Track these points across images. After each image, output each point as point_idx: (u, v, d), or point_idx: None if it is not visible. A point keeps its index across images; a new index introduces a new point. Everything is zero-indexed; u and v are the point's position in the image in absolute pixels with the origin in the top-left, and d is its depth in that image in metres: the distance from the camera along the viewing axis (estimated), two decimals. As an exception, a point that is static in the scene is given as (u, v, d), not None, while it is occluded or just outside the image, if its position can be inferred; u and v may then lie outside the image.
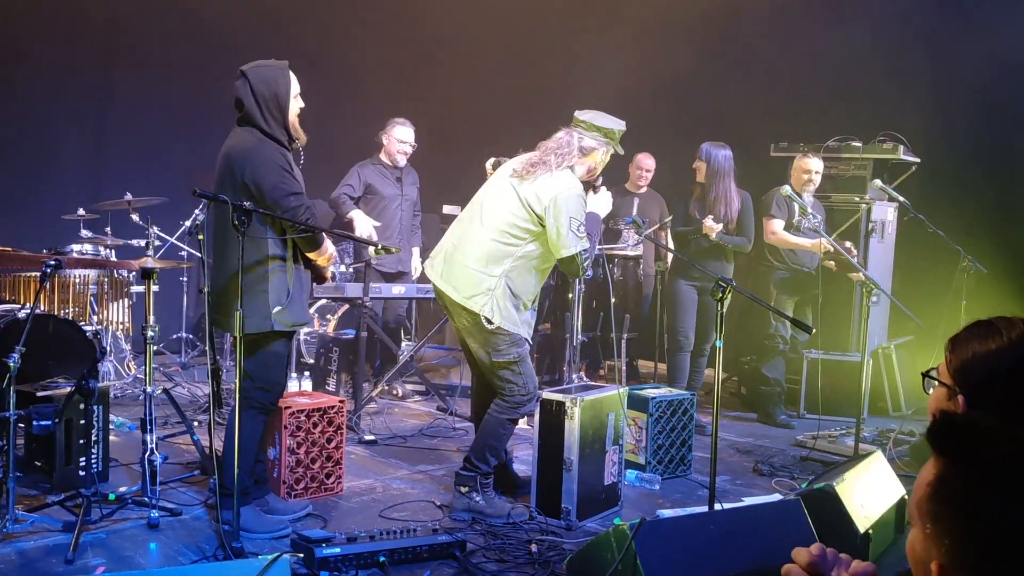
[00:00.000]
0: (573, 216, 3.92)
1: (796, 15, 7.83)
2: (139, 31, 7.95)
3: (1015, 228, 7.40)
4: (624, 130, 4.16)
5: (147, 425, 3.94)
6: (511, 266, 4.02)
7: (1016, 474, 1.11)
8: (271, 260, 3.71)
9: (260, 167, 3.65)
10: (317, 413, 4.38)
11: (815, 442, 5.62)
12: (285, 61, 3.84)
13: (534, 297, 4.20)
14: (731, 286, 3.73)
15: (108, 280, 5.58)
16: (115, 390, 6.09)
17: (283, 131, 3.78)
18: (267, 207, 3.60)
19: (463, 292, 4.05)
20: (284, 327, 3.75)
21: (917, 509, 1.19)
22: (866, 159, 6.83)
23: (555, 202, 3.93)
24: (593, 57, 8.35)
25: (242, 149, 3.70)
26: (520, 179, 4.03)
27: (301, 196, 3.71)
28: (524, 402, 4.14)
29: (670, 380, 6.22)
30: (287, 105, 3.78)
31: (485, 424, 4.20)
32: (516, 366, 4.10)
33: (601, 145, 4.11)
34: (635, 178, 7.37)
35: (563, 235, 3.92)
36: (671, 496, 4.70)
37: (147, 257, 4.32)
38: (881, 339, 7.02)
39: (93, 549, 3.54)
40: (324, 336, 6.79)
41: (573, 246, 3.94)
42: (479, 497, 4.14)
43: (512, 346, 4.06)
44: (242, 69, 3.77)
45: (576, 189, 3.99)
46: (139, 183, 6.75)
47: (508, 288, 4.02)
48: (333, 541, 3.43)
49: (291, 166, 3.75)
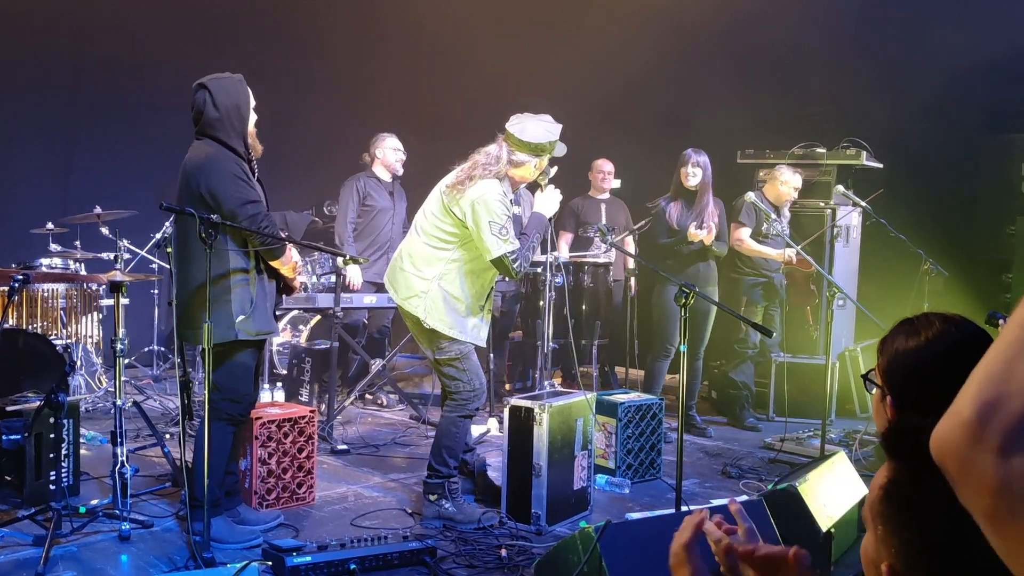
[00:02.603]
0: (492, 220, 3.98)
1: (759, 21, 7.94)
2: (108, 43, 7.94)
3: (975, 231, 7.56)
4: (554, 139, 4.13)
5: (118, 438, 3.94)
6: (444, 269, 4.13)
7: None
8: (233, 272, 3.74)
9: (216, 177, 3.67)
10: (288, 423, 4.40)
11: (783, 444, 5.70)
12: (240, 75, 3.88)
13: (479, 301, 4.24)
14: (694, 291, 3.80)
15: (78, 294, 5.58)
16: (86, 404, 6.07)
17: (241, 142, 3.80)
18: (225, 217, 3.63)
19: (400, 294, 4.22)
20: (248, 336, 3.77)
21: (870, 511, 1.25)
22: (830, 165, 6.95)
23: (473, 207, 4.01)
24: (555, 63, 8.39)
25: (197, 161, 3.73)
26: (450, 190, 4.12)
27: (259, 204, 3.74)
28: (471, 399, 4.21)
29: (647, 387, 6.24)
30: (247, 115, 3.82)
31: (439, 427, 4.28)
32: (459, 363, 4.18)
33: (531, 159, 4.13)
34: (598, 182, 7.39)
35: (485, 239, 4.00)
36: (640, 500, 4.76)
37: (116, 270, 4.32)
38: (847, 342, 7.13)
39: (64, 562, 3.55)
40: (297, 347, 6.80)
41: (496, 248, 4.00)
42: (449, 504, 4.19)
43: (452, 344, 4.16)
44: (201, 82, 3.80)
45: (494, 193, 4.02)
46: (108, 196, 6.75)
47: (444, 291, 4.12)
48: (304, 550, 3.46)
49: (248, 176, 3.77)
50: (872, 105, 7.59)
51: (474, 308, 4.22)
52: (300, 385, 6.56)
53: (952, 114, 7.48)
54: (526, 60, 8.50)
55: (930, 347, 1.66)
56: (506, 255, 4.00)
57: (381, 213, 6.70)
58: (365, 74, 9.45)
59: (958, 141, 7.62)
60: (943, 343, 1.65)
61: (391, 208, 6.75)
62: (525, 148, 4.09)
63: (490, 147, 4.16)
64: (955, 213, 7.38)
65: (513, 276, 4.14)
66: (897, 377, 1.69)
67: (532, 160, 4.13)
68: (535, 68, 8.48)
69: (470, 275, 4.18)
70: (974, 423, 0.91)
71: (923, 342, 1.67)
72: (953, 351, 1.65)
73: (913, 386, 1.66)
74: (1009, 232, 7.33)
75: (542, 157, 4.15)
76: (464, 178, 4.09)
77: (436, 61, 9.48)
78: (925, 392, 1.64)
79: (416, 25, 9.13)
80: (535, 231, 4.17)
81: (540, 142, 4.09)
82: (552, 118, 4.22)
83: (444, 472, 4.20)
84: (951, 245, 6.56)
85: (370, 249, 6.61)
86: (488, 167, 4.07)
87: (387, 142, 6.75)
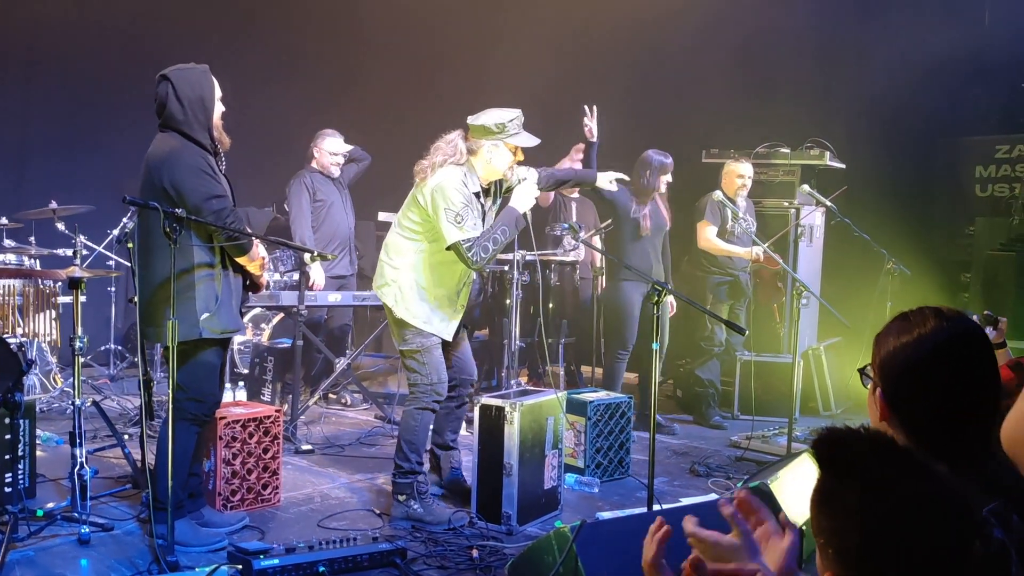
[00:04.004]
0: (447, 207, 4.03)
1: (723, 23, 7.97)
2: (61, 34, 7.73)
3: (936, 231, 7.68)
4: (508, 120, 4.12)
5: (76, 438, 3.83)
6: (414, 260, 4.19)
7: (874, 471, 1.24)
8: (198, 267, 3.65)
9: (179, 171, 3.58)
10: (253, 423, 4.32)
11: (749, 442, 5.72)
12: (205, 65, 3.78)
13: (451, 294, 4.26)
14: (667, 289, 3.78)
15: (33, 291, 5.42)
16: (41, 404, 5.91)
17: (207, 135, 3.71)
18: (189, 212, 3.54)
19: (376, 282, 4.31)
20: (213, 334, 3.69)
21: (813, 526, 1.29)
22: (794, 165, 7.01)
23: (432, 195, 4.08)
24: (515, 62, 8.35)
25: (160, 154, 3.64)
26: (417, 179, 4.20)
27: (224, 199, 3.65)
28: (428, 392, 4.21)
29: (607, 386, 6.22)
30: (212, 107, 3.72)
31: (400, 422, 4.29)
32: (420, 355, 4.20)
33: (486, 142, 4.15)
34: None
35: (442, 226, 4.05)
36: (610, 499, 4.74)
37: (75, 266, 4.19)
38: (811, 340, 7.19)
39: (21, 568, 3.43)
40: (258, 345, 6.69)
41: (452, 236, 4.03)
42: (417, 504, 4.15)
43: (416, 336, 4.19)
44: (163, 73, 3.70)
45: (452, 181, 4.07)
46: (64, 191, 6.58)
47: (414, 281, 4.18)
48: (271, 552, 3.39)
49: (214, 170, 3.68)
50: (834, 107, 7.67)
51: (444, 301, 4.23)
52: (262, 384, 6.45)
53: (909, 117, 7.59)
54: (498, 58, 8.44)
55: (923, 343, 1.65)
56: (460, 243, 4.02)
57: (334, 207, 6.54)
58: (332, 67, 9.35)
59: (916, 144, 7.73)
60: (936, 338, 1.65)
61: (341, 200, 6.61)
62: (478, 132, 4.15)
63: (450, 134, 4.23)
64: (915, 214, 7.48)
65: (468, 265, 4.12)
66: (891, 372, 1.69)
67: (486, 143, 4.15)
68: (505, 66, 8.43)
69: (440, 266, 4.19)
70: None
71: (916, 337, 1.66)
72: (946, 347, 1.65)
73: (906, 381, 1.66)
74: (967, 233, 7.47)
75: (498, 141, 4.14)
76: (427, 167, 4.15)
77: (410, 58, 9.39)
78: (918, 387, 1.64)
79: (389, 21, 9.02)
80: (503, 224, 4.14)
81: (487, 124, 4.12)
82: (521, 111, 4.21)
83: (406, 467, 4.17)
84: (911, 245, 6.63)
85: (332, 244, 6.48)
86: (447, 155, 4.14)
87: (325, 143, 6.51)
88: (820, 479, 1.31)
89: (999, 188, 7.57)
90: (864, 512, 1.22)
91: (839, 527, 1.26)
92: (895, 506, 1.21)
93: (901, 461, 1.26)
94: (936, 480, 1.24)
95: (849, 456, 1.28)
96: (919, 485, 1.22)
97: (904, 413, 1.67)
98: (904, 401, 1.66)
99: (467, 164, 4.16)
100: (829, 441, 1.31)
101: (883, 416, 1.69)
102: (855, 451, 1.28)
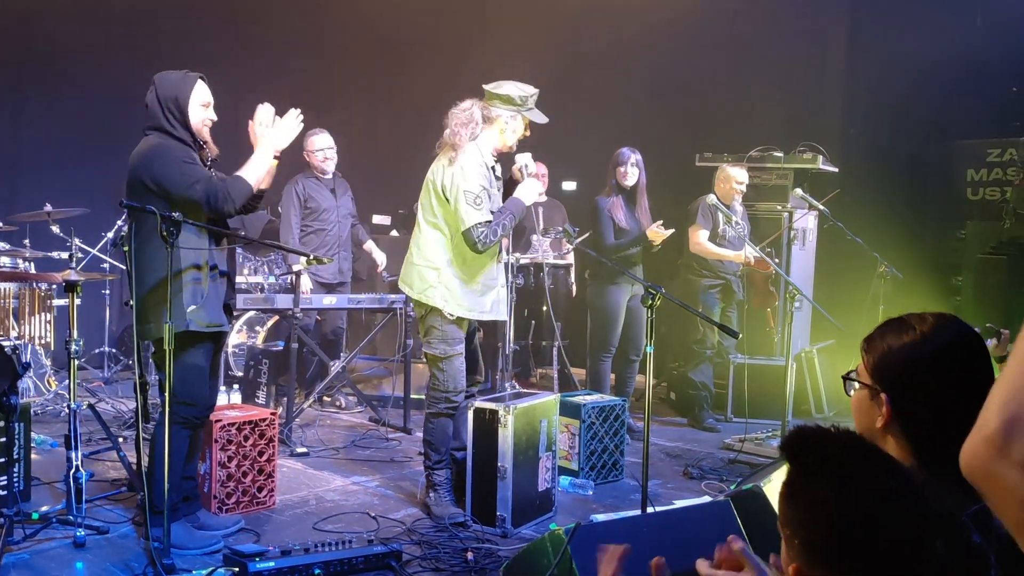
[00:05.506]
0: (467, 189, 4.09)
1: (718, 26, 8.01)
2: (55, 35, 7.72)
3: (928, 234, 7.72)
4: (530, 94, 4.25)
5: (72, 442, 3.84)
6: (451, 255, 4.22)
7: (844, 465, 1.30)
8: (186, 269, 3.68)
9: (159, 165, 3.62)
10: (248, 426, 4.33)
11: (742, 445, 5.75)
12: (198, 73, 3.82)
13: (491, 275, 4.34)
14: (660, 292, 3.80)
15: (28, 294, 5.42)
16: (36, 407, 5.90)
17: (187, 132, 3.75)
18: (176, 203, 3.56)
19: (416, 288, 4.29)
20: (200, 327, 3.69)
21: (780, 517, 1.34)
22: (787, 169, 7.04)
23: (452, 178, 4.14)
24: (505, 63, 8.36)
25: (139, 153, 3.69)
26: (436, 163, 4.23)
27: (210, 181, 3.66)
28: (441, 399, 4.29)
29: (593, 386, 6.22)
30: (186, 108, 3.74)
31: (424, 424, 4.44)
32: (442, 363, 4.27)
33: (504, 111, 4.22)
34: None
35: (460, 209, 4.10)
36: (604, 501, 4.76)
37: (70, 269, 4.20)
38: (803, 343, 7.22)
39: (16, 571, 3.44)
40: (253, 348, 6.69)
41: (470, 218, 4.09)
42: (432, 494, 4.34)
43: (440, 342, 4.25)
44: (153, 78, 3.78)
45: (472, 163, 4.14)
46: (58, 194, 6.57)
47: (457, 276, 4.22)
48: (267, 555, 3.40)
49: (195, 160, 3.71)
50: (827, 111, 7.71)
51: (488, 284, 4.33)
52: (257, 387, 6.45)
53: (901, 121, 7.63)
54: (480, 56, 8.45)
55: (927, 342, 1.63)
56: (475, 226, 4.08)
57: (325, 212, 6.54)
58: (315, 67, 9.34)
59: (908, 147, 7.77)
60: (941, 338, 1.63)
61: (334, 206, 6.61)
62: (498, 99, 4.22)
63: (464, 102, 4.27)
64: (907, 218, 7.51)
65: (473, 247, 4.15)
66: (891, 374, 1.66)
67: (505, 112, 4.22)
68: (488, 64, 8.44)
69: (473, 256, 4.24)
70: (999, 439, 0.95)
71: (919, 337, 1.64)
72: (950, 347, 1.63)
73: (911, 381, 1.63)
74: (959, 236, 7.51)
75: (517, 112, 4.23)
76: (447, 146, 4.21)
77: (387, 55, 9.39)
78: (923, 386, 1.62)
79: (367, 19, 9.03)
80: (510, 212, 4.24)
81: (512, 94, 4.21)
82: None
83: (426, 464, 4.37)
84: (903, 248, 6.67)
85: (321, 249, 6.47)
86: (465, 126, 4.18)
87: (309, 142, 6.47)
88: (790, 473, 1.36)
89: (991, 192, 7.62)
90: (833, 504, 1.27)
91: (807, 519, 1.30)
92: (863, 500, 1.25)
93: (870, 457, 1.32)
94: (903, 478, 1.29)
95: (820, 452, 1.33)
96: (887, 481, 1.28)
97: (907, 415, 1.64)
98: (911, 400, 1.63)
99: (481, 135, 4.23)
100: (800, 438, 1.37)
101: (886, 422, 1.66)
102: (825, 447, 1.33)
